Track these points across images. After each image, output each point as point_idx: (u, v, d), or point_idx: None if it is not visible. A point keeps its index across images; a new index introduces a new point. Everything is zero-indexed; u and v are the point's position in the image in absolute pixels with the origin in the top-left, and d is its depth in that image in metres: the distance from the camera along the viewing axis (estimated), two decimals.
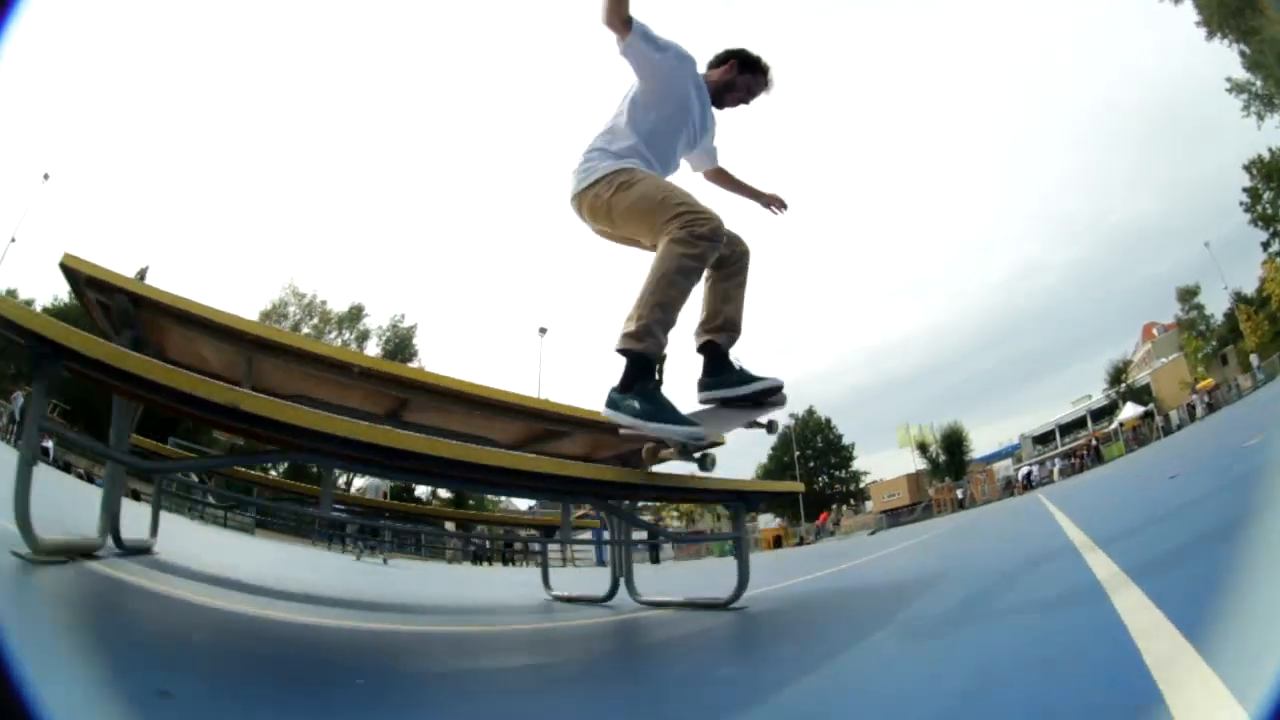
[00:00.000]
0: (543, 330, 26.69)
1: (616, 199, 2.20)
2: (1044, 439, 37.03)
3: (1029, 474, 28.52)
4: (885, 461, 43.05)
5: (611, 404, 2.04)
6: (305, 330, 37.28)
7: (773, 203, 2.88)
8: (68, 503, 4.47)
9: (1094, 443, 28.30)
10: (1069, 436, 34.89)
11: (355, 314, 39.84)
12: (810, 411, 45.12)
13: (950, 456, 38.53)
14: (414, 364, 37.83)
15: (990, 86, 68.15)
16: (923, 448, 38.72)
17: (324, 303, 38.74)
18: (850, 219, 73.12)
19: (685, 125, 2.44)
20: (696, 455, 2.42)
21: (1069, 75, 62.66)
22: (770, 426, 2.43)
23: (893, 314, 68.69)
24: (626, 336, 2.01)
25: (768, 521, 34.71)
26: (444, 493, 26.93)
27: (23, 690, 0.72)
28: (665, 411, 1.99)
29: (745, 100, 2.57)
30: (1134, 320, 39.73)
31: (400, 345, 39.73)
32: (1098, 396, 36.58)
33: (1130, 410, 28.30)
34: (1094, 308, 51.95)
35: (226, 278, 45.76)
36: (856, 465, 44.27)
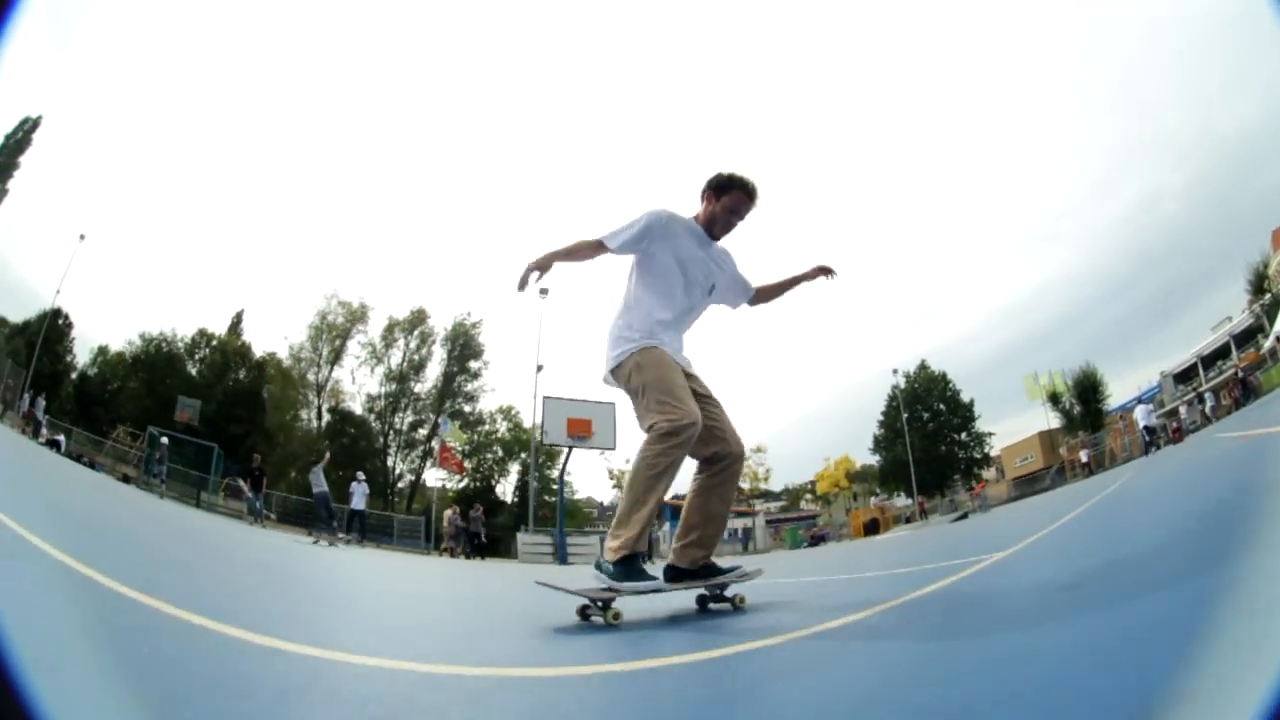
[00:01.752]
0: (544, 291, 25.87)
1: (633, 386, 2.47)
2: (1185, 376, 33.78)
3: (1172, 417, 24.40)
4: (1026, 425, 38.52)
5: (597, 565, 2.39)
6: (358, 339, 35.83)
7: (820, 274, 2.94)
8: None
9: (1238, 373, 25.09)
10: (1212, 370, 31.67)
11: (417, 318, 37.62)
12: (923, 366, 39.26)
13: (1085, 406, 33.58)
14: (479, 361, 37.46)
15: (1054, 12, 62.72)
16: (1054, 399, 34.39)
17: (367, 308, 36.61)
18: (962, 179, 68.78)
19: (693, 278, 2.60)
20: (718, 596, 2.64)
21: None
22: (737, 602, 2.56)
23: (1020, 269, 64.58)
24: (612, 551, 2.32)
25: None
26: None
27: (22, 690, 0.72)
28: (635, 575, 2.32)
29: (734, 223, 2.66)
30: (1263, 232, 35.65)
31: (466, 344, 37.79)
32: (1240, 317, 33.07)
33: None
34: (1221, 230, 46.96)
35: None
36: (981, 426, 37.87)
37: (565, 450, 19.53)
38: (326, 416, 36.42)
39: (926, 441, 36.77)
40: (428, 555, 18.44)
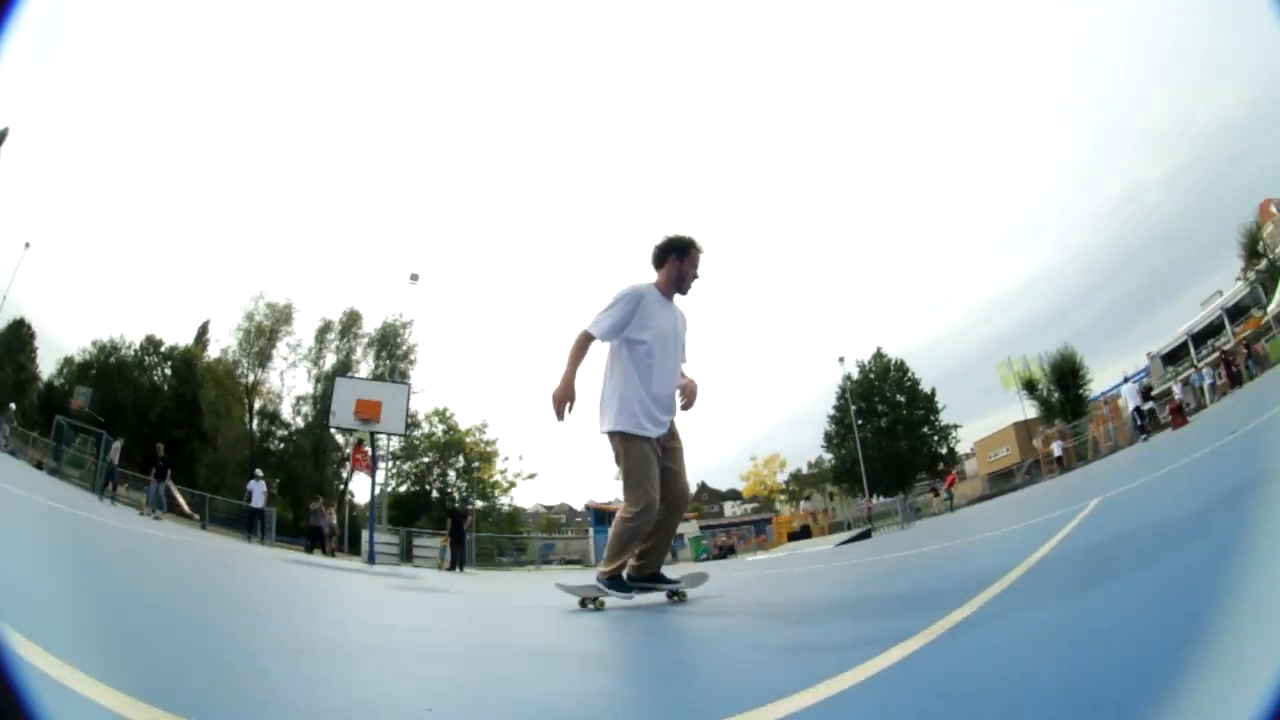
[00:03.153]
0: (414, 277, 26.90)
1: (618, 461, 3.25)
2: (1174, 356, 30.30)
3: (1169, 395, 19.44)
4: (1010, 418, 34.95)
5: (598, 579, 3.34)
6: (285, 343, 34.13)
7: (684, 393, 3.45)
8: None
9: (1243, 344, 21.30)
10: (1204, 348, 28.21)
11: (351, 319, 35.92)
12: (878, 355, 35.56)
13: (1064, 393, 30.24)
14: (406, 363, 35.39)
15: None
16: (1030, 386, 31.38)
17: (293, 309, 34.58)
18: (946, 171, 66.45)
19: (669, 349, 3.28)
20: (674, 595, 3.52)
21: None
22: (679, 597, 3.48)
23: (1005, 262, 62.71)
24: (603, 574, 3.32)
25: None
26: None
27: (22, 690, 0.73)
28: (617, 585, 3.30)
29: (695, 276, 3.33)
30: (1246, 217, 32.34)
31: (396, 345, 35.96)
32: (1232, 289, 29.66)
33: None
34: (1202, 219, 45.44)
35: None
36: (949, 418, 34.28)
37: (368, 439, 18.55)
38: (256, 420, 35.34)
39: (881, 437, 33.62)
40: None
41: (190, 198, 54.39)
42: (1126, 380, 22.15)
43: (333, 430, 18.57)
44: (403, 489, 34.69)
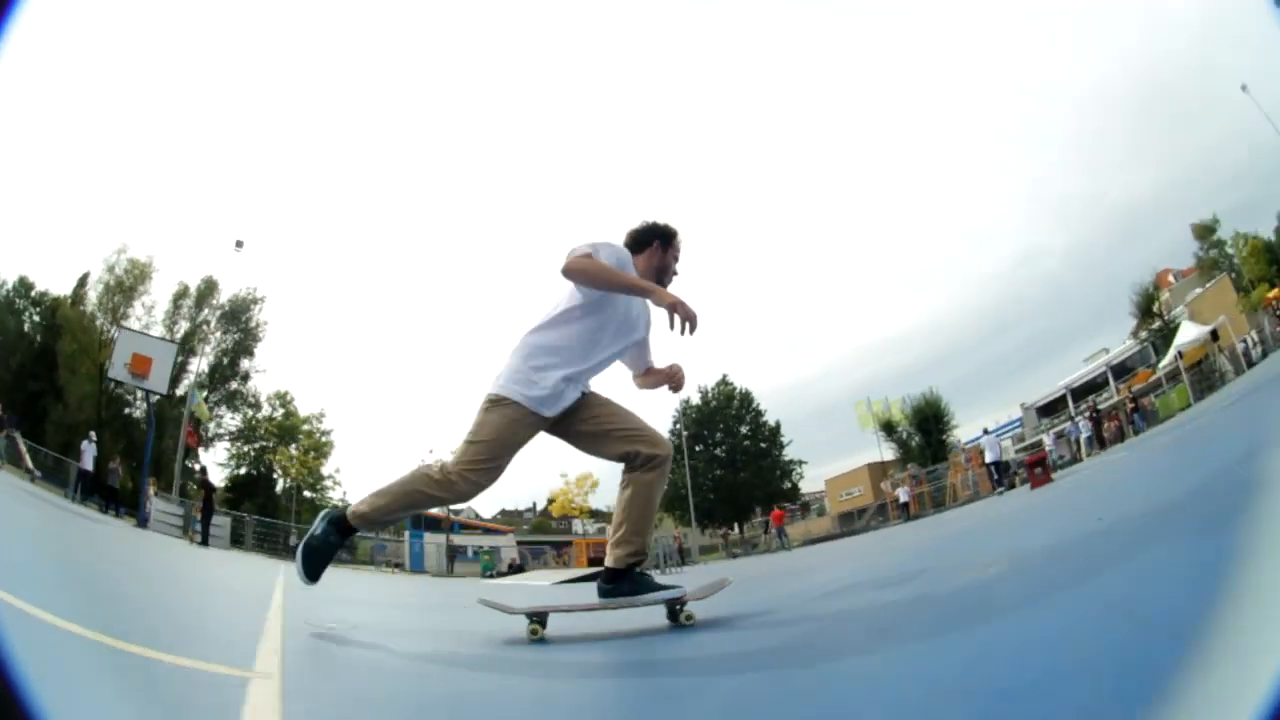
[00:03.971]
0: (239, 244, 25.85)
1: (476, 417, 2.39)
2: (1051, 409, 27.67)
3: (1032, 450, 17.87)
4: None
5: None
6: (141, 303, 31.75)
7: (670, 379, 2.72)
8: None
9: (1129, 397, 18.59)
10: (1083, 402, 25.60)
11: (208, 287, 33.60)
12: (723, 381, 33.84)
13: (925, 437, 28.15)
14: (253, 339, 34.97)
15: (979, 72, 62.36)
16: (889, 428, 29.12)
17: (151, 267, 32.02)
18: (846, 214, 66.26)
19: (622, 331, 2.49)
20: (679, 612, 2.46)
21: (1057, 57, 56.84)
22: (687, 618, 2.41)
23: (892, 310, 63.04)
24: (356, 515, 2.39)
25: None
26: None
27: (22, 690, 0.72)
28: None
29: (675, 272, 2.63)
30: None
31: (244, 320, 33.91)
32: (1120, 348, 27.37)
33: (1191, 333, 18.54)
34: (1097, 289, 47.04)
35: None
36: (792, 454, 32.45)
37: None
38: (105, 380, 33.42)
39: (717, 466, 31.78)
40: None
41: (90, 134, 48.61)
42: (987, 433, 19.86)
43: (111, 381, 18.20)
44: (241, 471, 33.78)
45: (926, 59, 64.48)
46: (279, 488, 35.11)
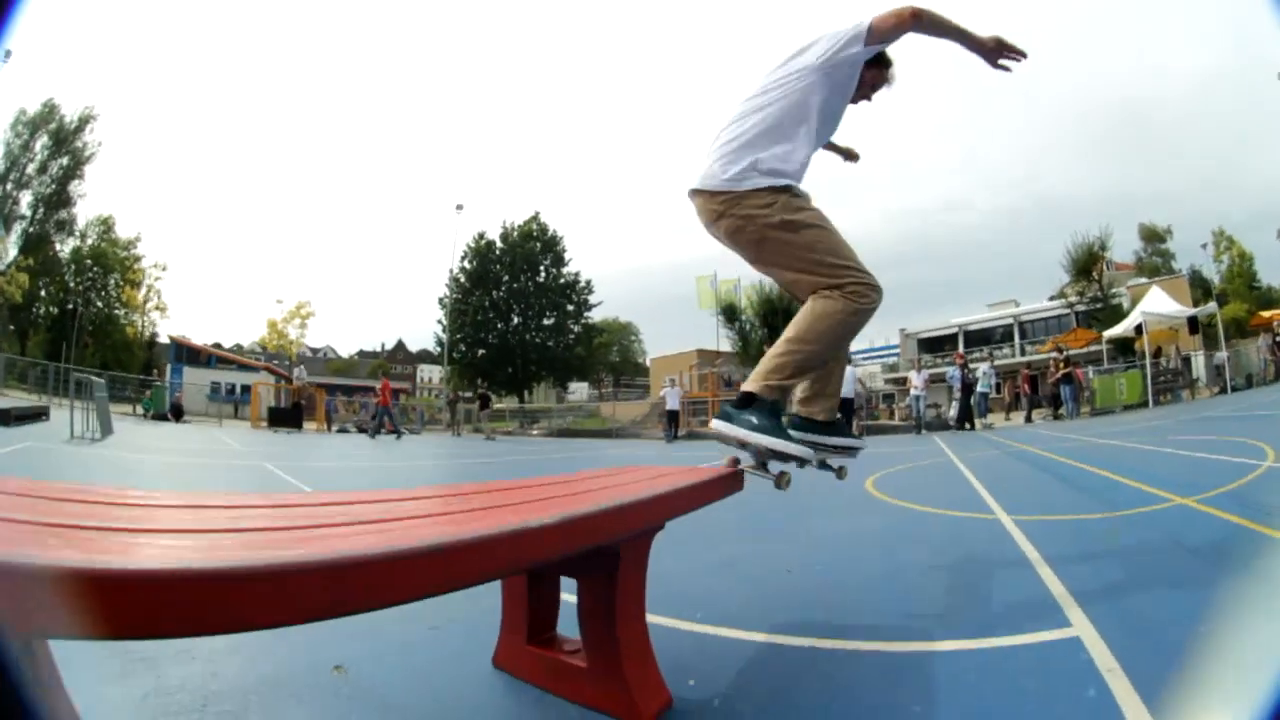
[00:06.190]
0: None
1: (775, 236, 1.95)
2: (937, 344, 23.13)
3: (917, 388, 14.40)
4: None
5: (725, 416, 1.95)
6: None
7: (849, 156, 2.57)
8: None
9: (1059, 356, 14.03)
10: (978, 349, 21.09)
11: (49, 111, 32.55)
12: (534, 217, 32.63)
13: (771, 333, 22.71)
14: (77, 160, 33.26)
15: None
16: (730, 314, 23.27)
17: None
18: None
19: (829, 131, 2.28)
20: (774, 473, 2.06)
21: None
22: (840, 472, 2.27)
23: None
24: (766, 387, 1.92)
25: None
26: None
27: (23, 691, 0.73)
28: (782, 430, 1.92)
29: (868, 97, 2.30)
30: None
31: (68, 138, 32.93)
32: (1031, 306, 22.69)
33: (1162, 306, 13.62)
34: (1017, 256, 44.93)
35: None
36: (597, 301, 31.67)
37: None
38: None
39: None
40: None
41: None
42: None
43: None
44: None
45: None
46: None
